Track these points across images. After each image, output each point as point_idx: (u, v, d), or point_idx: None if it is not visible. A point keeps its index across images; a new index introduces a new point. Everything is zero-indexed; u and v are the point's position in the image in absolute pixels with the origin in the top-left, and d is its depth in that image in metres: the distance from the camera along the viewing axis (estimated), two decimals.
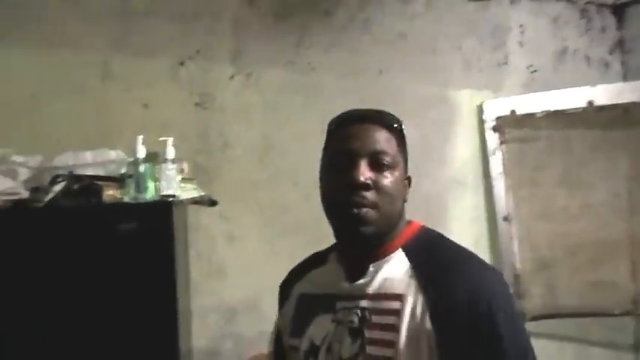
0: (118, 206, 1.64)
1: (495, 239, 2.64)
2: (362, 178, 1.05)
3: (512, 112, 2.61)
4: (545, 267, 2.60)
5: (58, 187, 1.60)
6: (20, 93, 2.29)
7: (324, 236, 2.52)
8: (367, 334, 1.04)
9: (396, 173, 1.09)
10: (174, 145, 1.84)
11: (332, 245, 1.24)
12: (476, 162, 2.67)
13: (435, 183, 2.64)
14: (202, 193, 1.99)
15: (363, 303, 1.07)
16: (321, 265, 1.23)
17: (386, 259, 1.10)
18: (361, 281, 1.10)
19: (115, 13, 2.38)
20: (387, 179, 1.07)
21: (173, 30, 2.43)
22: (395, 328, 1.02)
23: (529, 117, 2.60)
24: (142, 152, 1.69)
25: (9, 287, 1.51)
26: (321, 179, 1.16)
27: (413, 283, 1.05)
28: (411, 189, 1.16)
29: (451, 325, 0.99)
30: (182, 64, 2.43)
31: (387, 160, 1.08)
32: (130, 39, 2.39)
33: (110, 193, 1.67)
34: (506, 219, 2.60)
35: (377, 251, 1.11)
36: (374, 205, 1.06)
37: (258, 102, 2.49)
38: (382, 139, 1.09)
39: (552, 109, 2.59)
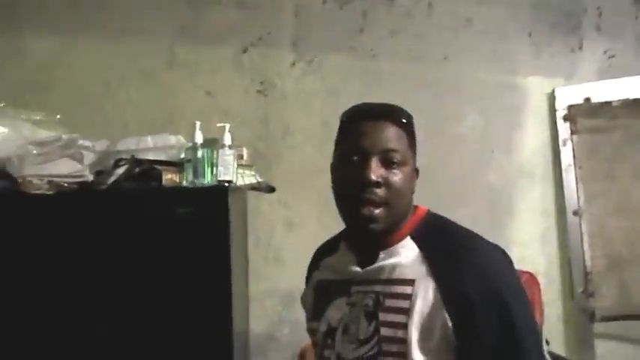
0: (176, 190, 1.68)
1: (564, 234, 2.51)
2: (373, 177, 1.09)
3: (587, 100, 2.46)
4: (619, 265, 2.45)
5: (120, 171, 1.65)
6: (92, 80, 2.39)
7: None
8: (381, 316, 1.10)
9: (406, 169, 1.15)
10: (234, 132, 1.87)
11: (341, 232, 1.30)
12: (546, 152, 2.55)
13: (501, 174, 2.54)
14: (260, 180, 2.00)
15: (377, 287, 1.13)
16: (334, 252, 1.29)
17: (396, 246, 1.15)
18: (373, 267, 1.15)
19: (180, 1, 2.43)
20: (397, 176, 1.12)
21: (236, 17, 2.45)
22: (407, 312, 1.07)
23: (605, 105, 2.44)
24: (199, 138, 1.72)
25: (72, 263, 1.58)
26: (333, 173, 1.21)
27: (423, 269, 1.10)
28: (417, 179, 1.21)
29: (465, 309, 1.04)
30: (245, 51, 2.46)
31: (397, 157, 1.12)
32: (194, 27, 2.44)
33: (169, 177, 1.70)
34: (576, 213, 2.46)
35: (387, 239, 1.16)
36: (384, 202, 1.11)
37: (319, 88, 2.48)
38: (393, 137, 1.13)
39: (631, 97, 2.42)
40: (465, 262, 1.08)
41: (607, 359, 2.45)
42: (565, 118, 2.48)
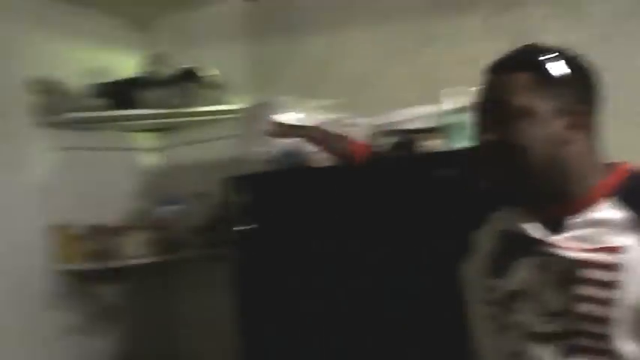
0: (434, 155, 1.86)
1: None
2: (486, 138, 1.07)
3: None
4: None
5: (386, 141, 1.91)
6: (364, 65, 2.74)
7: None
8: (579, 289, 0.98)
9: (534, 121, 1.02)
10: None
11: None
12: None
13: None
14: None
15: (572, 254, 1.00)
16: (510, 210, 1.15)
17: (587, 210, 1.03)
18: (565, 234, 1.03)
19: None
20: (521, 132, 1.02)
21: None
22: (613, 285, 0.94)
23: None
24: (447, 105, 1.86)
25: (352, 228, 1.90)
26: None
27: (633, 236, 0.96)
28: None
29: None
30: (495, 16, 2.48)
31: (514, 109, 1.02)
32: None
33: (429, 143, 1.89)
34: None
35: (572, 203, 1.04)
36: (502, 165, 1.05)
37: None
38: (515, 86, 1.04)
39: None
40: None
41: None
42: None
